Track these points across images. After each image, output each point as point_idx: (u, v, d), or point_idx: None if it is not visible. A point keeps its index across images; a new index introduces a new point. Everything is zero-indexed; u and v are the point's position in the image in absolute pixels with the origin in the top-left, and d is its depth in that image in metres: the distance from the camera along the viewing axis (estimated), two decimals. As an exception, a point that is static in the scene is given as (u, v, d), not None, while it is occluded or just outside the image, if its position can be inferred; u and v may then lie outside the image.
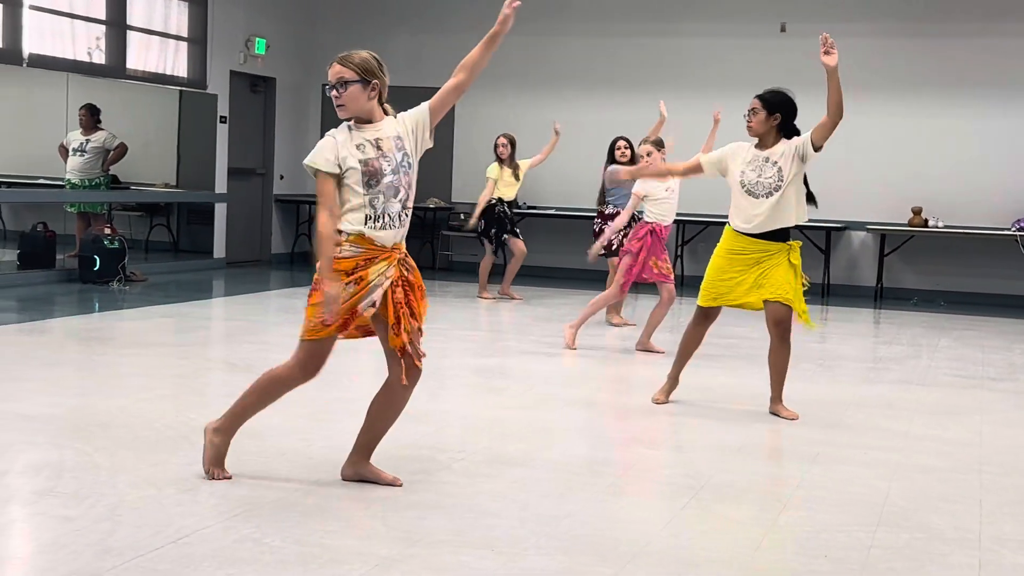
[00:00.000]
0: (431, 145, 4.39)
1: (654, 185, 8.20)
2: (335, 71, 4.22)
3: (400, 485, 4.37)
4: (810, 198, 6.06)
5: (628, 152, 9.80)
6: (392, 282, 4.22)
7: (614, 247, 9.40)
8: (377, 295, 4.20)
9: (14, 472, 4.44)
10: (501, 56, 13.91)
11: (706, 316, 6.26)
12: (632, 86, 13.56)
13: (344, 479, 4.41)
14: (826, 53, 5.69)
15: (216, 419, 4.46)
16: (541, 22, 13.91)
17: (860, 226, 12.99)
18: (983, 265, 12.70)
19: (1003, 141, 12.55)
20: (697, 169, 6.24)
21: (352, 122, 4.24)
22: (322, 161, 4.16)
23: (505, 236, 11.21)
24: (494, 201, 11.11)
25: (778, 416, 6.01)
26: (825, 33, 5.81)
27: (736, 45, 13.33)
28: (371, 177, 4.16)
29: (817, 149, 5.83)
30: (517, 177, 11.21)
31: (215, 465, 4.38)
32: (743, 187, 5.96)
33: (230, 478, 4.38)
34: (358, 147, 4.18)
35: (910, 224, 12.58)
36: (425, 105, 4.37)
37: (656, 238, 8.22)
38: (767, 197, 5.90)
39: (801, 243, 6.15)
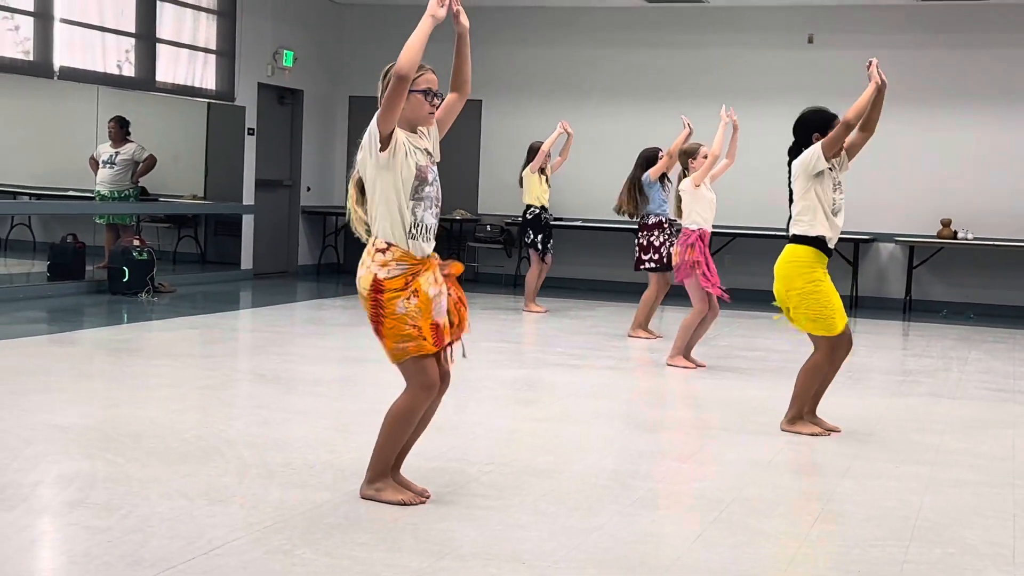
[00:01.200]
0: (439, 159, 4.39)
1: (703, 192, 8.12)
2: (432, 79, 4.27)
3: (429, 497, 4.36)
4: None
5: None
6: (443, 287, 4.24)
7: (664, 261, 9.30)
8: (443, 302, 4.21)
9: (47, 483, 4.46)
10: (525, 68, 14.03)
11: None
12: (658, 97, 13.54)
13: (364, 498, 4.33)
14: (874, 75, 5.69)
15: (364, 478, 4.35)
16: (564, 33, 13.93)
17: (888, 238, 12.92)
18: (1013, 277, 12.61)
19: (1033, 152, 12.47)
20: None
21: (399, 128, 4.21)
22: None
23: (551, 243, 11.17)
24: (538, 209, 11.08)
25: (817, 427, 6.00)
26: (873, 59, 5.75)
27: (764, 56, 13.30)
28: (420, 183, 4.18)
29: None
30: (549, 183, 11.24)
31: (400, 496, 4.27)
32: (834, 202, 5.91)
33: (426, 493, 4.35)
34: (412, 151, 4.19)
35: (939, 236, 12.50)
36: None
37: (704, 244, 8.13)
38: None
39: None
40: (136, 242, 11.19)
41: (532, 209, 11.08)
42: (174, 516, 4.03)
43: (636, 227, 9.72)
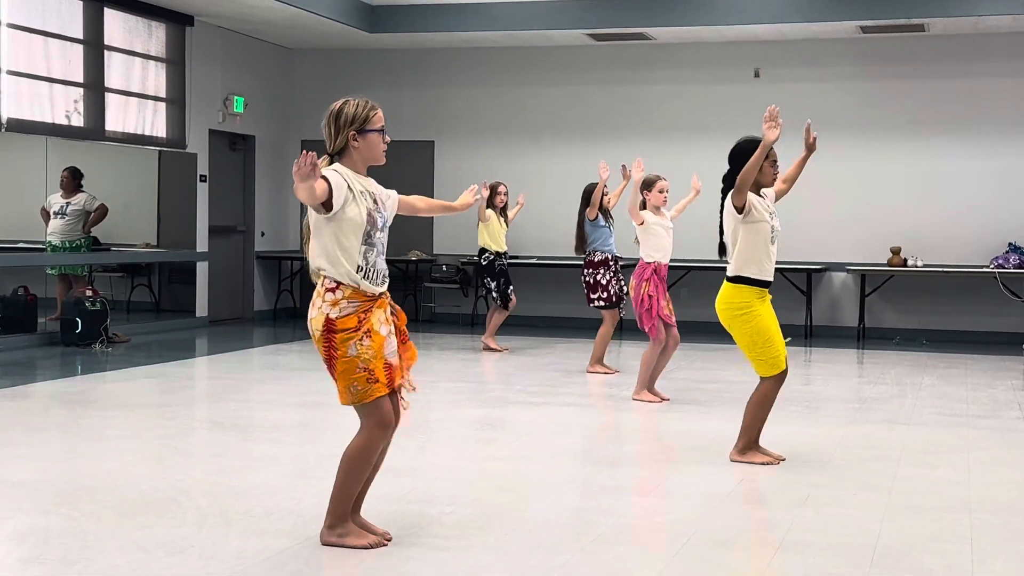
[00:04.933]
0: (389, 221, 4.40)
1: (657, 220, 8.20)
2: (381, 117, 4.29)
3: (390, 539, 4.34)
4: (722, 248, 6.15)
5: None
6: (392, 326, 4.26)
7: (614, 299, 9.44)
8: (393, 342, 4.23)
9: (0, 540, 4.39)
10: (477, 108, 14.11)
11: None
12: (608, 134, 13.66)
13: (325, 544, 4.27)
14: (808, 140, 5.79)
15: (324, 524, 4.31)
16: (515, 72, 14.03)
17: (840, 267, 13.07)
18: (964, 303, 12.78)
19: (978, 180, 12.68)
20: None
21: (348, 170, 4.21)
22: (335, 177, 4.10)
23: (511, 288, 11.16)
24: (492, 256, 11.07)
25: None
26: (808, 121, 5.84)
27: (711, 91, 13.46)
28: (371, 227, 4.19)
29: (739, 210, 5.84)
30: (507, 226, 11.28)
31: (364, 540, 4.23)
32: (773, 233, 5.96)
33: (387, 535, 4.32)
34: (361, 194, 4.20)
35: (890, 264, 12.66)
36: (395, 195, 4.45)
37: (659, 278, 8.18)
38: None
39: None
40: (89, 292, 11.10)
41: (487, 255, 11.07)
42: (131, 569, 3.98)
43: (582, 263, 9.80)
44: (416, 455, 5.92)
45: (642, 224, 8.16)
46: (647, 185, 8.31)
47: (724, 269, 6.11)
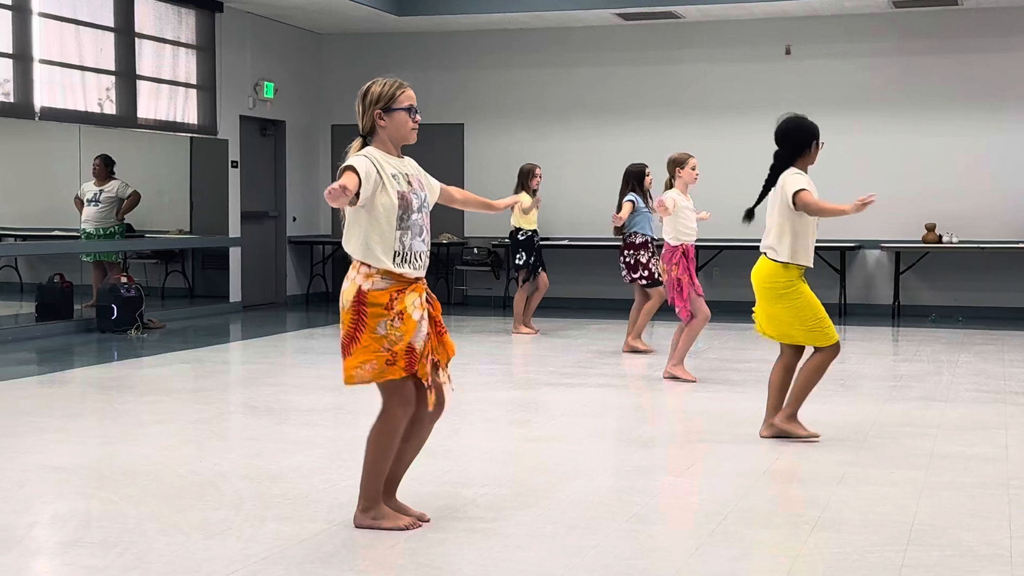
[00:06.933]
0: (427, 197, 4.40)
1: (685, 204, 8.19)
2: (412, 95, 4.26)
3: (427, 521, 4.35)
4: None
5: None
6: (426, 311, 4.23)
7: (655, 276, 9.43)
8: (425, 327, 4.19)
9: (42, 524, 4.45)
10: (505, 90, 14.08)
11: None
12: (638, 113, 13.61)
13: (359, 527, 4.28)
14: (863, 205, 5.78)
15: (357, 507, 4.31)
16: (543, 53, 13.99)
17: (874, 245, 12.97)
18: (999, 279, 12.66)
19: (1014, 155, 12.54)
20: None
21: (380, 151, 4.21)
22: (363, 164, 4.09)
23: (541, 267, 11.17)
24: (530, 232, 11.07)
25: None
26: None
27: (742, 69, 13.37)
28: (404, 211, 4.16)
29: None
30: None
31: (399, 522, 4.25)
32: (817, 220, 5.98)
33: (424, 517, 4.34)
34: (393, 176, 4.18)
35: (924, 241, 12.55)
36: (437, 184, 4.45)
37: (688, 259, 8.18)
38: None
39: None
40: (123, 279, 11.18)
41: (523, 231, 11.08)
42: (170, 552, 4.02)
43: (621, 244, 9.77)
44: (450, 437, 5.94)
45: (671, 210, 8.12)
46: (679, 163, 8.29)
47: (755, 249, 6.09)
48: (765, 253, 5.99)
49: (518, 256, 11.11)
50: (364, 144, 4.24)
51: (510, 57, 14.10)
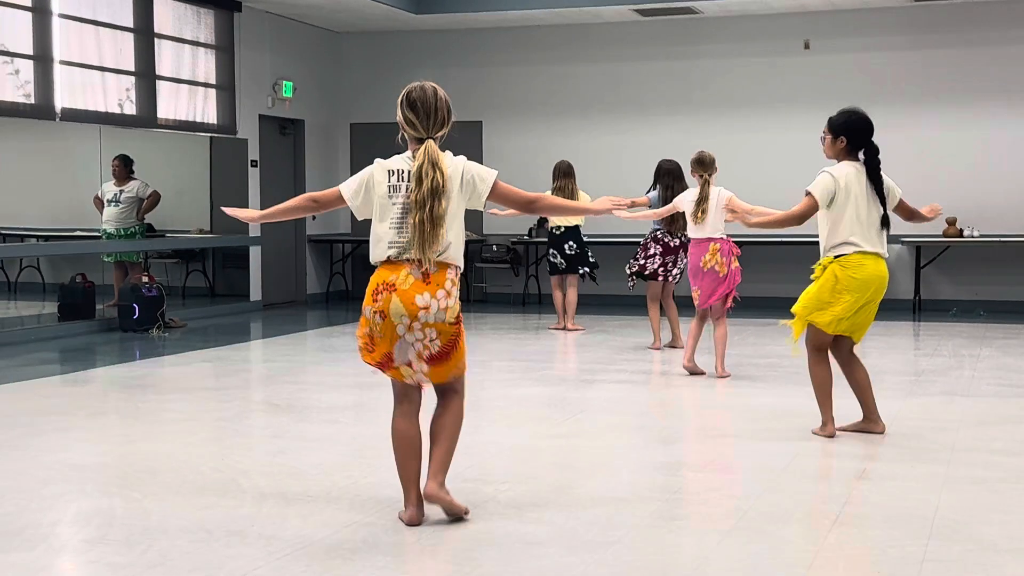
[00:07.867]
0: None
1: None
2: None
3: (467, 513, 4.37)
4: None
5: None
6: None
7: (648, 271, 9.43)
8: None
9: (65, 522, 4.48)
10: (525, 87, 14.08)
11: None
12: (657, 109, 13.59)
13: (426, 497, 4.29)
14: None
15: (429, 485, 4.32)
16: (561, 50, 13.99)
17: (895, 239, 12.88)
18: (1021, 273, 12.59)
19: (1035, 147, 12.48)
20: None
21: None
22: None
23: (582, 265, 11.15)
24: (571, 227, 11.05)
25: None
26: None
27: (760, 64, 13.33)
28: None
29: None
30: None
31: (404, 516, 4.33)
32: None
33: (464, 509, 4.39)
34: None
35: (945, 235, 12.50)
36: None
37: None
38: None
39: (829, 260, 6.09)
40: (145, 279, 11.24)
41: (558, 227, 11.04)
42: (194, 549, 4.04)
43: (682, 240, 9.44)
44: (471, 433, 5.93)
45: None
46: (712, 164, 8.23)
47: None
48: (878, 253, 5.98)
49: (553, 253, 11.06)
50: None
51: (528, 54, 14.10)
